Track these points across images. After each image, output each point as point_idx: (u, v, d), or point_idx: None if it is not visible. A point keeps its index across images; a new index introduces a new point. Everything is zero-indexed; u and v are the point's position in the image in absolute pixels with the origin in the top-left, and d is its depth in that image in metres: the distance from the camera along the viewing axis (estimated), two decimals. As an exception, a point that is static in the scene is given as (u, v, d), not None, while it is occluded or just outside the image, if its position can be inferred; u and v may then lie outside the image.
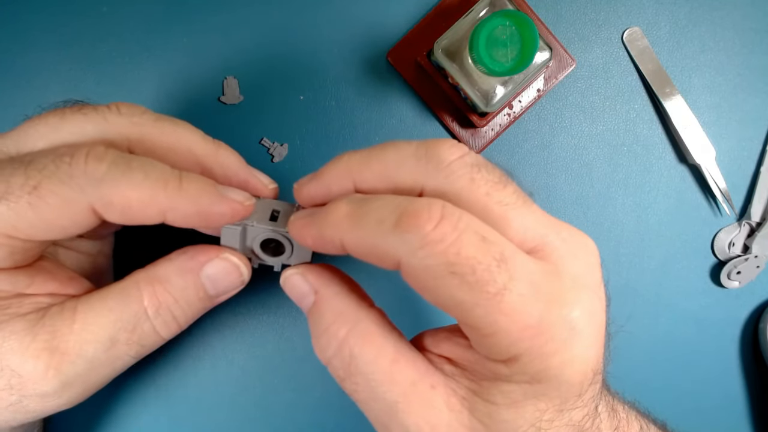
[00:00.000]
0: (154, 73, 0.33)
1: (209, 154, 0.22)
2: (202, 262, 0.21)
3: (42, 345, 0.19)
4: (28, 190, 0.18)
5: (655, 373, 0.36)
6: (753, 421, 0.37)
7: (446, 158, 0.18)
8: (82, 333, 0.19)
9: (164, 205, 0.19)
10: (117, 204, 0.18)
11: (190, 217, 0.19)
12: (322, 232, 0.19)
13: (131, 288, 0.20)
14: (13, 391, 0.19)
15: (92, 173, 0.18)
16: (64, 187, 0.18)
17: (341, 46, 0.33)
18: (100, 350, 0.20)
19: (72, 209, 0.18)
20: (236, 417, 0.33)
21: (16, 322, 0.19)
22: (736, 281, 0.36)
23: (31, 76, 0.32)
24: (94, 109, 0.20)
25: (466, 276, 0.16)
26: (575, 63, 0.34)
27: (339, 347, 0.19)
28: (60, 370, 0.19)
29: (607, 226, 0.36)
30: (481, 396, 0.18)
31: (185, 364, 0.33)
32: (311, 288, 0.21)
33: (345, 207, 0.18)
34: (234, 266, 0.22)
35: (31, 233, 0.18)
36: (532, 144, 0.35)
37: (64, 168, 0.18)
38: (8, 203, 0.18)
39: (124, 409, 0.32)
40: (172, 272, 0.21)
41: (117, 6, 0.32)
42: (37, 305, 0.20)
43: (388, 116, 0.34)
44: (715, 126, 0.36)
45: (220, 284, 0.22)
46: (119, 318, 0.20)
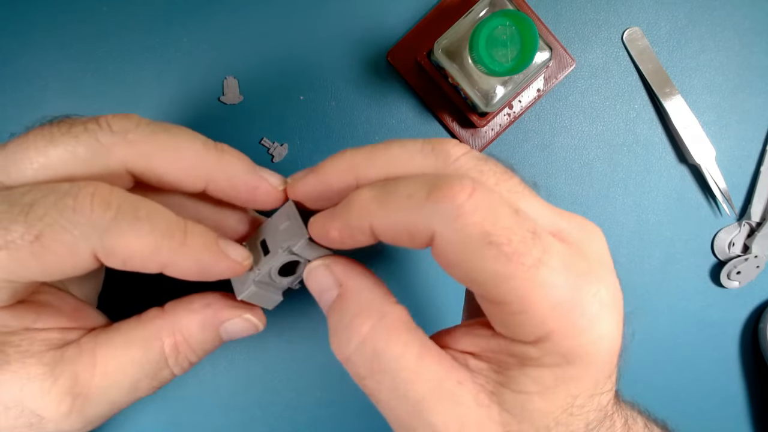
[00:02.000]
0: (154, 73, 0.33)
1: (212, 164, 0.20)
2: (224, 320, 0.21)
3: (64, 390, 0.19)
4: (30, 240, 0.17)
5: (655, 373, 0.36)
6: (753, 421, 0.37)
7: (454, 153, 0.18)
8: (104, 380, 0.19)
9: (166, 260, 0.18)
10: (119, 255, 0.18)
11: (190, 272, 0.19)
12: (348, 220, 0.18)
13: (153, 339, 0.20)
14: (33, 429, 0.19)
15: (97, 221, 0.17)
16: (67, 236, 0.17)
17: (341, 46, 0.33)
18: (122, 395, 0.20)
19: (74, 257, 0.17)
20: (236, 417, 0.33)
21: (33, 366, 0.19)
22: (736, 281, 0.36)
23: (31, 76, 0.32)
24: (84, 129, 0.19)
25: (502, 246, 0.16)
26: (575, 63, 0.34)
27: (361, 343, 0.18)
28: (83, 412, 0.19)
29: (607, 226, 0.36)
30: (509, 387, 0.18)
31: (185, 364, 0.33)
32: (335, 281, 0.20)
33: (369, 191, 0.18)
34: (253, 325, 0.22)
35: (32, 277, 0.18)
36: (532, 144, 0.35)
37: (68, 215, 0.17)
38: (9, 252, 0.17)
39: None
40: (194, 326, 0.21)
41: (117, 6, 0.32)
42: (49, 342, 0.19)
43: (388, 116, 0.34)
44: (715, 126, 0.36)
45: (236, 334, 0.22)
46: (142, 368, 0.20)
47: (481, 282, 0.17)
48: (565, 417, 0.18)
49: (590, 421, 0.18)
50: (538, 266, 0.16)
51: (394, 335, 0.18)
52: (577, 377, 0.17)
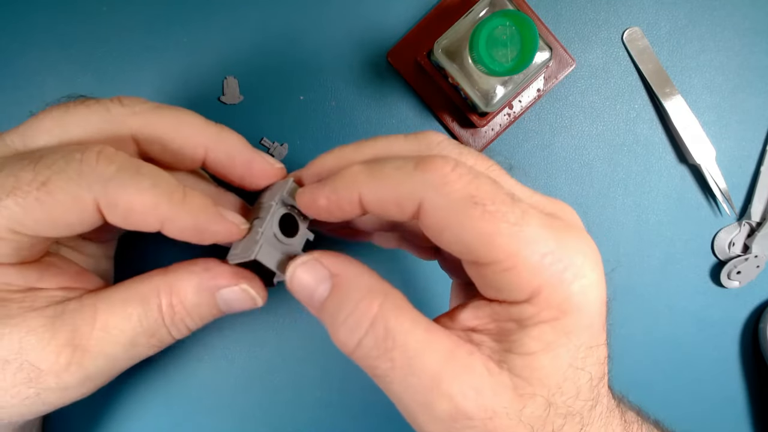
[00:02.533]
0: (154, 73, 0.33)
1: (211, 137, 0.22)
2: (221, 286, 0.21)
3: (63, 341, 0.19)
4: (37, 186, 0.18)
5: (655, 373, 0.36)
6: (753, 421, 0.37)
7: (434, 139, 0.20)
8: (103, 334, 0.20)
9: (165, 215, 0.19)
10: (121, 206, 0.19)
11: (187, 231, 0.20)
12: (336, 189, 0.19)
13: (151, 296, 0.21)
14: (32, 385, 0.19)
15: (102, 172, 0.18)
16: (72, 184, 0.18)
17: (341, 46, 0.33)
18: (121, 351, 0.20)
19: (79, 206, 0.18)
20: (236, 417, 0.33)
21: (33, 318, 0.19)
22: (736, 281, 0.36)
23: (31, 76, 0.32)
24: (96, 102, 0.21)
25: (487, 205, 0.17)
26: (575, 63, 0.34)
27: (372, 323, 0.18)
28: (82, 365, 0.20)
29: (607, 226, 0.36)
30: (514, 351, 0.18)
31: (185, 364, 0.33)
32: (328, 273, 0.19)
33: (359, 165, 0.19)
34: (250, 297, 0.22)
35: (36, 229, 0.19)
36: (532, 144, 0.35)
37: (74, 165, 0.18)
38: (16, 198, 0.18)
39: (124, 409, 0.32)
40: (190, 288, 0.21)
41: (117, 6, 0.32)
42: (52, 299, 0.20)
43: (388, 116, 0.34)
44: (715, 126, 0.36)
45: (233, 306, 0.22)
46: (140, 324, 0.20)
47: (469, 243, 0.18)
48: (571, 372, 0.18)
49: (593, 375, 0.19)
50: (521, 223, 0.17)
51: (402, 311, 0.18)
52: (574, 328, 0.18)
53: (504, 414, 0.18)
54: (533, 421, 0.18)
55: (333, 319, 0.19)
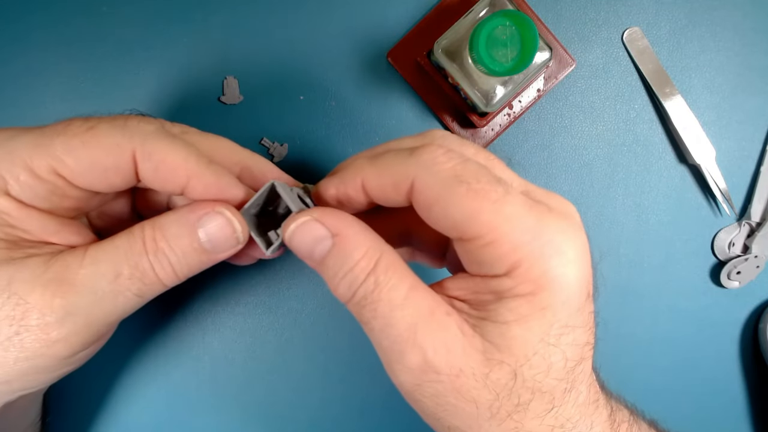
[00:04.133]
0: (154, 73, 0.33)
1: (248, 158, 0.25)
2: (200, 215, 0.22)
3: (52, 276, 0.20)
4: (85, 129, 0.20)
5: (655, 373, 0.36)
6: (753, 421, 0.37)
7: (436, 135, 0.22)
8: (90, 267, 0.21)
9: (192, 171, 0.21)
10: (155, 157, 0.21)
11: (210, 188, 0.22)
12: (344, 177, 0.22)
13: (136, 230, 0.22)
14: (14, 322, 0.20)
15: (143, 128, 0.21)
16: (116, 131, 0.20)
17: (341, 46, 0.33)
18: (104, 282, 0.21)
19: (118, 153, 0.20)
20: (236, 417, 0.33)
21: (32, 258, 0.21)
22: (736, 281, 0.36)
23: (31, 76, 0.32)
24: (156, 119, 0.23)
25: (471, 184, 0.19)
26: (575, 63, 0.34)
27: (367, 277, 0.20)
28: (66, 298, 0.20)
29: (607, 226, 0.36)
30: (489, 319, 0.20)
31: (185, 364, 0.33)
32: (328, 232, 0.20)
33: (363, 158, 0.22)
34: (227, 221, 0.22)
35: (76, 173, 0.20)
36: (532, 144, 0.35)
37: (119, 122, 0.21)
38: (65, 138, 0.20)
39: (124, 409, 0.32)
40: (171, 221, 0.22)
41: (117, 6, 0.32)
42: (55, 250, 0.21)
43: (388, 116, 0.34)
44: (715, 126, 0.36)
45: (215, 238, 0.22)
46: (123, 253, 0.21)
47: (454, 218, 0.19)
48: (543, 346, 0.19)
49: (568, 357, 0.19)
50: (503, 201, 0.19)
51: (393, 268, 0.20)
52: (550, 304, 0.19)
53: (470, 374, 0.19)
54: (498, 388, 0.19)
55: (334, 273, 0.21)
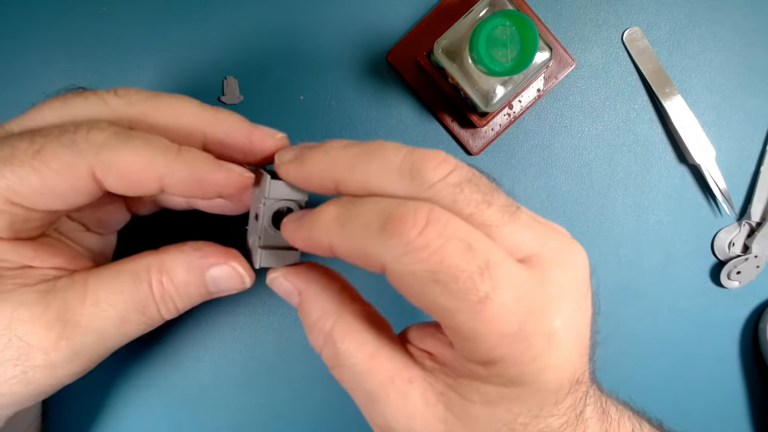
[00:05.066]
0: (154, 73, 0.33)
1: (209, 119, 0.22)
2: (211, 264, 0.22)
3: (54, 316, 0.19)
4: (32, 154, 0.18)
5: (655, 373, 0.36)
6: (753, 422, 0.37)
7: (430, 178, 0.18)
8: (94, 309, 0.20)
9: (161, 170, 0.19)
10: (116, 168, 0.19)
11: (188, 183, 0.20)
12: (311, 234, 0.19)
13: (142, 273, 0.21)
14: (19, 362, 0.19)
15: (94, 140, 0.19)
16: (66, 150, 0.18)
17: (341, 46, 0.33)
18: (111, 326, 0.20)
19: (73, 174, 0.19)
20: (236, 417, 0.33)
21: (25, 293, 0.19)
22: (736, 281, 0.36)
23: (30, 76, 0.32)
24: (94, 93, 0.21)
25: (448, 284, 0.16)
26: (575, 63, 0.34)
27: (326, 341, 0.21)
28: (72, 340, 0.20)
29: (607, 226, 0.36)
30: (457, 392, 0.19)
31: (185, 364, 0.33)
32: (294, 288, 0.22)
33: (333, 210, 0.19)
34: (238, 274, 0.22)
35: (32, 200, 0.19)
36: (532, 144, 0.35)
37: (68, 135, 0.19)
38: (12, 167, 0.18)
39: (124, 409, 0.32)
40: (180, 266, 0.21)
41: (117, 6, 0.32)
42: (44, 277, 0.20)
43: (388, 116, 0.34)
44: (715, 126, 0.36)
45: (221, 285, 0.22)
46: (130, 299, 0.21)
47: (432, 312, 0.17)
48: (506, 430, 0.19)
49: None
50: (484, 302, 0.16)
51: (348, 335, 0.20)
52: (520, 398, 0.18)
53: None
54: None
55: (304, 324, 0.22)
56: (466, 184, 0.18)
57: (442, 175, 0.18)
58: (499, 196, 0.18)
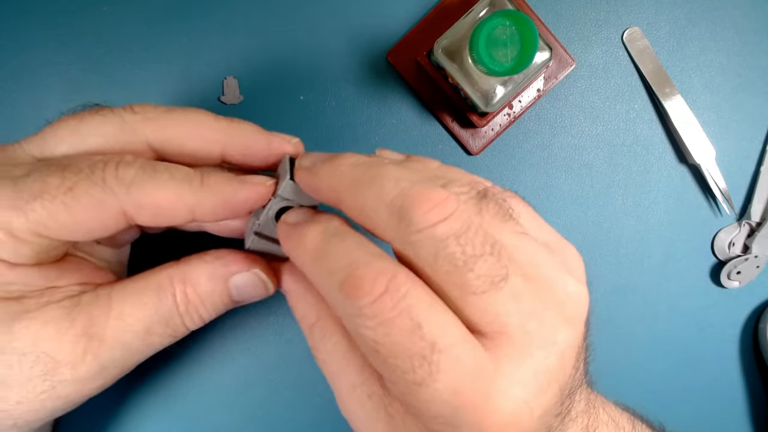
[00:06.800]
0: (154, 73, 0.33)
1: (225, 130, 0.22)
2: (233, 272, 0.22)
3: (80, 331, 0.20)
4: (64, 191, 0.18)
5: (655, 373, 0.36)
6: (753, 422, 0.37)
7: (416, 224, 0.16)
8: (119, 323, 0.20)
9: (191, 202, 0.20)
10: (147, 205, 0.19)
11: (218, 209, 0.20)
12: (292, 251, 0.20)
13: (166, 285, 0.21)
14: (47, 377, 0.19)
15: (123, 177, 0.19)
16: (98, 189, 0.19)
17: (341, 46, 0.33)
18: (136, 340, 0.21)
19: (104, 212, 0.19)
20: (237, 417, 0.33)
21: (50, 310, 0.20)
22: (736, 281, 0.36)
23: (30, 76, 0.32)
24: (110, 111, 0.21)
25: (387, 359, 0.16)
26: (575, 63, 0.34)
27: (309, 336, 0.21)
28: (98, 355, 0.20)
29: (607, 226, 0.36)
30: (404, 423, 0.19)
31: (186, 364, 0.33)
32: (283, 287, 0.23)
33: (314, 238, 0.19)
34: (262, 282, 0.23)
35: (59, 233, 0.19)
36: (532, 144, 0.35)
37: (98, 173, 0.19)
38: (43, 202, 0.18)
39: (124, 409, 0.32)
40: (203, 276, 0.22)
41: (117, 5, 0.32)
42: (69, 293, 0.21)
43: (388, 116, 0.34)
44: (715, 126, 0.36)
45: (245, 293, 0.23)
46: (155, 312, 0.21)
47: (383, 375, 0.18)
48: None
49: None
50: (419, 385, 0.16)
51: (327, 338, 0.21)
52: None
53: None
54: None
55: None
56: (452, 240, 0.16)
57: (430, 222, 0.16)
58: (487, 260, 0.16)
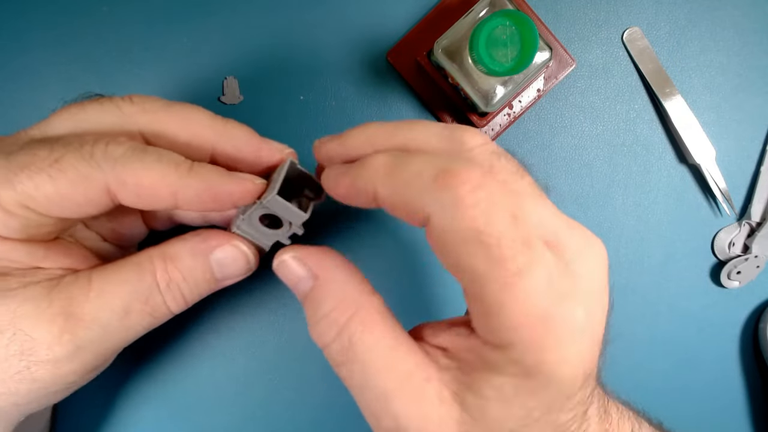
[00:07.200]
0: (154, 73, 0.33)
1: (219, 130, 0.22)
2: (213, 246, 0.22)
3: (58, 310, 0.19)
4: (50, 163, 0.19)
5: (655, 373, 0.36)
6: (753, 422, 0.37)
7: (469, 143, 0.19)
8: (97, 301, 0.20)
9: (175, 184, 0.20)
10: (130, 183, 0.19)
11: (202, 197, 0.20)
12: (356, 181, 0.19)
13: (145, 262, 0.21)
14: (23, 357, 0.19)
15: (110, 153, 0.19)
16: (83, 162, 0.19)
17: (341, 46, 0.33)
18: (114, 318, 0.20)
19: (88, 185, 0.19)
20: (236, 416, 0.33)
21: (30, 289, 0.20)
22: (736, 281, 0.36)
23: (30, 76, 0.32)
24: (109, 100, 0.21)
25: (491, 247, 0.16)
26: (575, 63, 0.34)
27: (339, 333, 0.19)
28: (75, 334, 0.20)
29: (607, 226, 0.36)
30: (472, 390, 0.18)
31: (185, 363, 0.33)
32: (309, 273, 0.20)
33: (384, 157, 0.19)
34: (242, 253, 0.22)
35: (46, 206, 0.19)
36: (532, 144, 0.35)
37: (87, 148, 0.19)
38: (29, 173, 0.19)
39: (124, 409, 0.32)
40: (184, 252, 0.22)
41: (117, 5, 0.32)
42: (51, 276, 0.21)
43: (388, 116, 0.34)
44: (715, 126, 0.36)
45: (227, 269, 0.22)
46: (134, 289, 0.21)
47: (464, 275, 0.17)
48: (519, 427, 0.18)
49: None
50: (519, 275, 0.16)
51: (368, 327, 0.19)
52: (534, 391, 0.18)
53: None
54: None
55: (310, 315, 0.20)
56: (502, 155, 0.19)
57: (480, 142, 0.19)
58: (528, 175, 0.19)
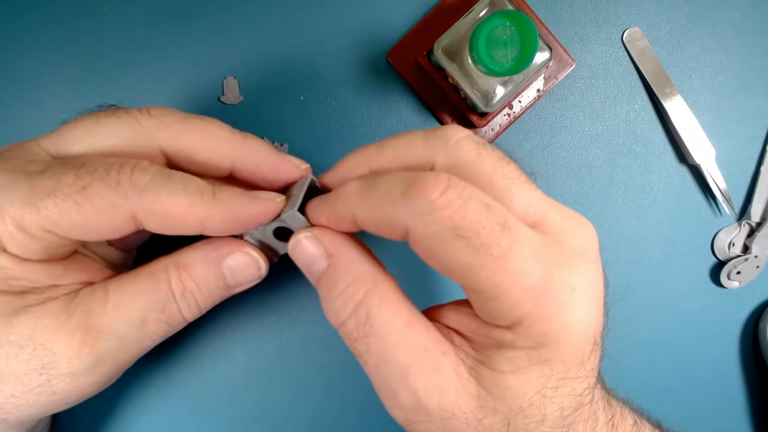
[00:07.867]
0: (154, 73, 0.33)
1: (238, 147, 0.22)
2: (225, 254, 0.22)
3: (77, 324, 0.20)
4: (77, 190, 0.19)
5: (655, 373, 0.36)
6: (753, 422, 0.37)
7: (454, 136, 0.20)
8: (115, 312, 0.20)
9: (201, 213, 0.20)
10: (158, 212, 0.19)
11: (227, 223, 0.20)
12: (334, 208, 0.20)
13: (160, 272, 0.21)
14: (44, 371, 0.20)
15: (137, 182, 0.19)
16: (110, 190, 0.19)
17: (341, 46, 0.33)
18: (132, 329, 0.21)
19: (114, 214, 0.19)
20: (237, 416, 0.33)
21: (48, 304, 0.20)
22: (736, 281, 0.36)
23: (31, 76, 0.32)
24: (126, 113, 0.21)
25: (471, 239, 0.17)
26: (575, 63, 0.34)
27: (356, 308, 0.19)
28: (94, 347, 0.20)
29: (607, 226, 0.36)
30: (487, 365, 0.19)
31: (186, 363, 0.33)
32: (324, 252, 0.21)
33: (355, 183, 0.19)
34: (254, 260, 0.23)
35: (70, 231, 0.19)
36: (532, 144, 0.35)
37: (113, 174, 0.19)
38: (56, 200, 0.18)
39: (124, 409, 0.32)
40: (196, 260, 0.22)
41: (117, 6, 0.32)
42: (69, 290, 0.21)
43: (388, 116, 0.34)
44: (715, 126, 0.36)
45: (239, 276, 0.23)
46: (150, 299, 0.21)
47: (455, 272, 0.18)
48: (538, 398, 0.19)
49: (564, 406, 0.19)
50: (506, 255, 0.17)
51: (385, 301, 0.19)
52: (548, 359, 0.18)
53: (462, 418, 0.18)
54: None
55: (325, 294, 0.20)
56: (486, 145, 0.20)
57: (464, 134, 0.20)
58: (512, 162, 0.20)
